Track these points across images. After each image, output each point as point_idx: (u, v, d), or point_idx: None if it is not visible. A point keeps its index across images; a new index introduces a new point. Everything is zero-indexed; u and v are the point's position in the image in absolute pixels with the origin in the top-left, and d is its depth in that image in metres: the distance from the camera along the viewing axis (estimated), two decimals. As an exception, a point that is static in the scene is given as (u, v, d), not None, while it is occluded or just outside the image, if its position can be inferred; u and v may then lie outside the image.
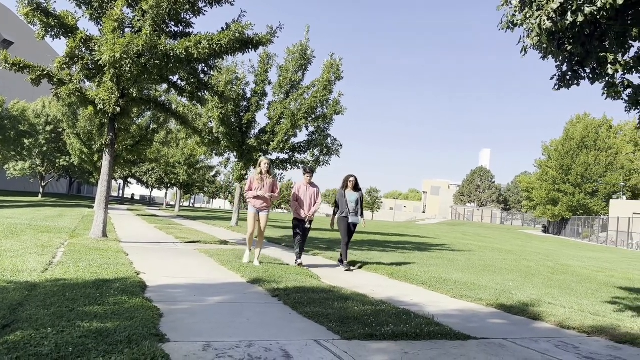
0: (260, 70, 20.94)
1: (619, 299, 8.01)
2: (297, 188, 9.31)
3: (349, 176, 9.69)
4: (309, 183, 9.38)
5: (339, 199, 9.58)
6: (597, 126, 57.04)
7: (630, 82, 5.27)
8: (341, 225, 9.51)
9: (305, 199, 9.25)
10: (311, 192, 9.35)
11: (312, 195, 9.33)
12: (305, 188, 9.34)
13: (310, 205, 9.27)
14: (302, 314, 5.14)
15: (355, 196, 9.57)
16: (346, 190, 9.61)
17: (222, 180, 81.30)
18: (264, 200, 8.73)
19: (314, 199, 9.33)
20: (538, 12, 4.39)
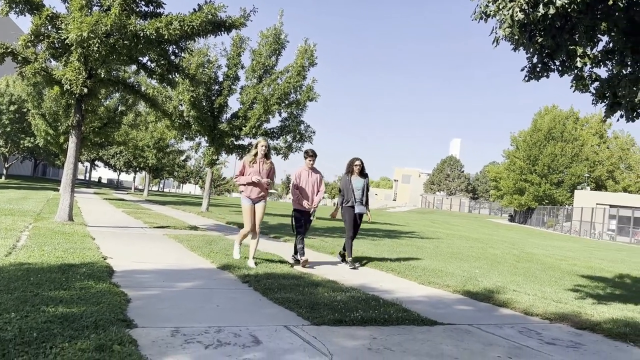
0: (232, 54, 20.65)
1: (581, 286, 8.27)
2: (297, 174, 8.22)
3: (354, 160, 8.58)
4: (311, 168, 8.26)
5: (344, 185, 8.51)
6: (564, 118, 58.37)
7: (598, 76, 5.40)
8: (346, 216, 8.41)
9: (308, 186, 8.16)
10: (314, 178, 8.25)
11: (315, 182, 8.25)
12: (307, 174, 8.22)
13: (313, 193, 8.19)
14: (272, 300, 5.14)
15: (361, 183, 8.48)
16: (352, 176, 8.50)
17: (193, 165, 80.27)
18: (260, 188, 7.40)
19: (317, 186, 8.28)
20: (511, 4, 4.44)
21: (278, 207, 42.13)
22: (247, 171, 7.38)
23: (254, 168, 7.33)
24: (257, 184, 7.32)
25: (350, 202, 8.38)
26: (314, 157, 8.31)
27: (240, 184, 7.41)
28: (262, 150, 7.44)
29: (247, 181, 7.31)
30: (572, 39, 4.84)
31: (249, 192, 7.37)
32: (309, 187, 8.19)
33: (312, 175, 8.26)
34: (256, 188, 7.36)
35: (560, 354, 4.17)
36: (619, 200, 44.45)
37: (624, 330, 4.91)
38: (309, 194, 8.16)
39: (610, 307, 6.31)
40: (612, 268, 12.32)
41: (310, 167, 8.26)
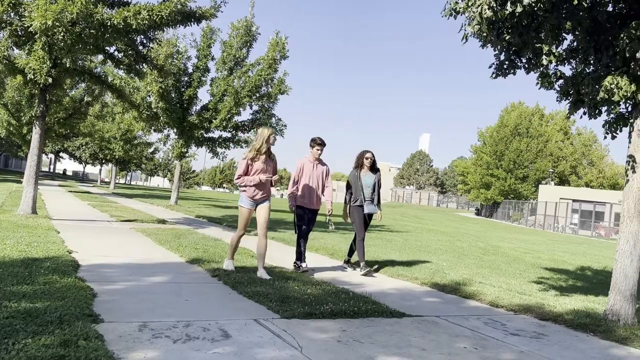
0: (202, 45, 20.37)
1: (544, 279, 8.50)
2: (300, 166, 7.14)
3: (364, 152, 7.57)
4: (317, 159, 7.16)
5: (352, 181, 7.55)
6: (530, 114, 59.69)
7: (563, 73, 5.54)
8: (355, 215, 7.46)
9: (312, 180, 7.07)
10: (319, 171, 7.16)
11: (321, 177, 7.16)
12: (312, 166, 7.12)
13: (318, 189, 7.11)
14: (242, 294, 5.13)
15: (372, 179, 7.50)
16: (361, 172, 7.55)
17: (161, 158, 79.16)
18: (265, 187, 6.35)
19: (323, 181, 7.20)
20: (479, 1, 4.51)
21: (248, 200, 41.84)
22: (251, 169, 6.23)
23: (257, 165, 6.23)
24: (264, 183, 6.27)
25: (359, 201, 7.44)
26: (323, 146, 7.15)
27: (246, 186, 6.23)
28: (273, 143, 6.34)
29: (255, 182, 6.17)
30: (538, 37, 4.95)
31: (252, 192, 6.24)
32: (313, 182, 7.08)
33: (317, 168, 7.16)
34: (259, 189, 6.29)
35: (524, 345, 4.29)
36: (582, 195, 45.81)
37: (584, 321, 5.08)
38: (314, 190, 7.07)
39: (572, 298, 6.51)
40: (574, 260, 12.70)
41: (317, 158, 7.17)
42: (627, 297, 5.05)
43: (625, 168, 5.18)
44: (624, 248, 5.12)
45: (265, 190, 6.37)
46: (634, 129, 5.12)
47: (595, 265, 11.77)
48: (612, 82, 4.81)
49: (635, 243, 5.09)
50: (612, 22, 5.13)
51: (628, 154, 5.16)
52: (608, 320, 5.09)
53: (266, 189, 6.38)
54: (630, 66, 4.99)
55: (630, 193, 5.14)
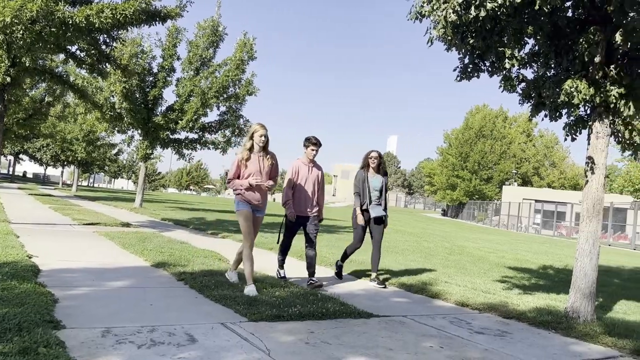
0: (168, 45, 20.06)
1: (508, 277, 8.69)
2: (294, 169, 6.48)
3: (370, 152, 7.03)
4: (311, 161, 6.56)
5: (358, 184, 6.93)
6: (494, 117, 61.05)
7: (525, 77, 5.68)
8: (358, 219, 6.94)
9: (308, 185, 6.45)
10: (315, 175, 6.53)
11: (316, 180, 6.54)
12: (307, 169, 6.49)
13: (315, 194, 6.51)
14: (209, 298, 5.06)
15: (379, 182, 6.94)
16: (368, 173, 6.96)
17: (125, 159, 77.54)
18: (261, 192, 5.65)
19: (319, 184, 6.60)
20: (444, 5, 4.58)
21: (216, 203, 41.52)
22: (248, 170, 5.56)
23: (250, 166, 5.55)
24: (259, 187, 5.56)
25: (364, 205, 6.85)
26: (318, 147, 6.52)
27: (236, 190, 5.61)
28: (259, 141, 5.59)
29: (245, 187, 5.54)
30: (501, 41, 5.06)
31: (248, 195, 5.57)
32: (310, 187, 6.47)
33: (312, 171, 6.53)
34: (256, 193, 5.59)
35: (489, 343, 4.37)
36: (544, 195, 47.08)
37: (546, 319, 5.21)
38: (310, 196, 6.46)
39: (535, 296, 6.67)
40: (537, 259, 13.03)
41: (312, 159, 6.56)
42: (587, 294, 5.20)
43: (585, 169, 5.34)
44: (584, 247, 5.28)
45: (262, 197, 5.64)
46: (592, 131, 5.28)
47: (557, 264, 12.10)
48: (571, 85, 4.95)
49: (594, 242, 5.25)
50: (572, 28, 5.28)
51: (587, 155, 5.32)
52: (569, 317, 5.23)
53: (263, 196, 5.64)
54: (589, 70, 5.15)
55: (590, 194, 5.30)
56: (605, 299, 6.96)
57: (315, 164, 6.61)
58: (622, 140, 5.53)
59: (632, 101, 4.96)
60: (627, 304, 6.79)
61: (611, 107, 5.06)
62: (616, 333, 4.78)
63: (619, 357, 4.27)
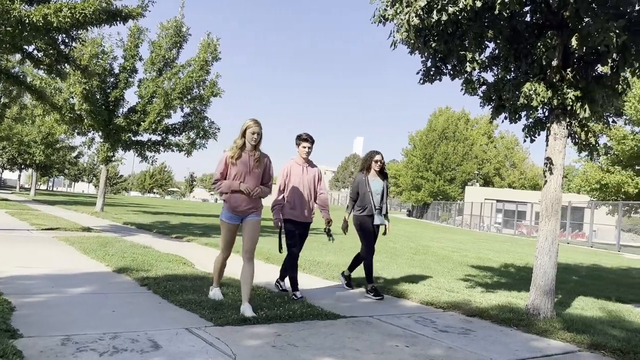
0: (130, 45, 19.68)
1: (471, 276, 8.86)
2: (286, 171, 5.89)
3: (373, 154, 6.49)
4: (306, 161, 5.96)
5: (359, 187, 6.43)
6: (456, 119, 62.18)
7: (485, 80, 5.81)
8: (364, 227, 6.40)
9: (302, 187, 5.84)
10: (310, 175, 5.93)
11: (313, 181, 5.95)
12: (301, 170, 5.89)
13: (311, 197, 5.94)
14: (173, 303, 4.97)
15: (381, 185, 6.45)
16: (369, 176, 6.45)
17: (86, 162, 75.61)
18: (245, 200, 4.90)
19: (316, 186, 6.01)
20: (407, 9, 4.64)
21: (181, 206, 40.93)
22: (234, 171, 4.91)
23: (239, 166, 4.90)
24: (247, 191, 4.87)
25: (367, 210, 6.35)
26: (311, 143, 5.91)
27: (222, 193, 4.96)
28: (252, 139, 4.91)
29: (234, 188, 4.85)
30: (462, 45, 5.17)
31: (233, 202, 4.90)
32: (305, 189, 5.85)
33: (307, 172, 5.91)
34: (242, 198, 4.91)
35: (453, 341, 4.44)
36: (505, 195, 48.26)
37: (508, 316, 5.33)
38: (306, 199, 5.86)
39: (497, 294, 6.82)
40: (499, 258, 13.33)
41: (306, 158, 5.95)
42: (547, 291, 5.35)
43: (543, 170, 5.49)
44: (543, 245, 5.43)
45: (253, 200, 4.96)
46: (550, 133, 5.44)
47: (518, 262, 12.41)
48: (530, 88, 5.10)
49: (553, 240, 5.41)
50: (530, 32, 5.44)
51: (545, 156, 5.48)
52: (530, 314, 5.37)
53: (250, 201, 4.95)
54: (547, 73, 5.31)
55: (548, 193, 5.46)
56: (564, 295, 7.18)
57: (310, 163, 6.00)
58: (579, 141, 5.72)
59: (587, 103, 5.13)
60: (584, 300, 7.01)
61: (568, 109, 5.23)
62: (574, 329, 4.93)
63: (577, 352, 4.41)
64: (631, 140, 31.25)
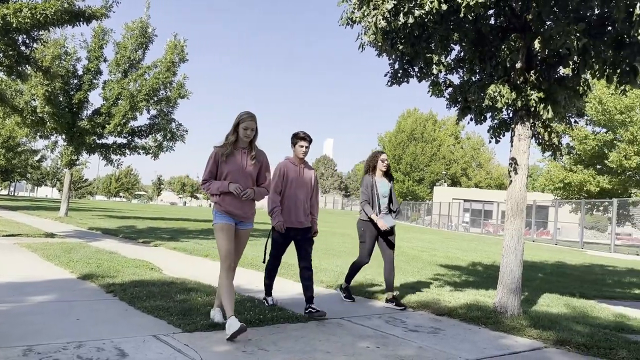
0: (94, 46, 19.25)
1: (440, 275, 8.97)
2: (281, 171, 5.35)
3: (378, 154, 6.18)
4: (302, 161, 5.45)
5: (365, 190, 6.06)
6: (424, 120, 63.12)
7: (451, 82, 5.90)
8: (367, 232, 6.09)
9: (299, 189, 5.34)
10: (307, 177, 5.44)
11: (309, 185, 5.46)
12: (298, 171, 5.39)
13: (307, 201, 5.41)
14: (140, 309, 4.87)
15: (386, 187, 6.13)
16: (374, 177, 6.11)
17: (49, 166, 73.63)
18: (241, 202, 4.42)
19: (312, 189, 5.51)
20: (374, 11, 4.67)
21: (148, 210, 40.25)
22: (226, 169, 4.39)
23: (230, 164, 4.38)
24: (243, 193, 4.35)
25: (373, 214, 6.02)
26: (309, 143, 5.40)
27: (214, 196, 4.44)
28: (245, 135, 4.38)
29: (223, 190, 4.34)
30: (428, 48, 5.23)
31: (227, 205, 4.38)
32: (301, 193, 5.34)
33: (304, 173, 5.42)
34: (236, 201, 4.38)
35: (422, 340, 4.48)
36: (472, 195, 49.14)
37: (476, 314, 5.42)
38: (302, 203, 5.34)
39: (465, 293, 6.92)
40: (466, 257, 13.55)
41: (301, 159, 5.43)
42: (513, 289, 5.45)
43: (508, 170, 5.60)
44: (509, 244, 5.54)
45: (248, 206, 4.46)
46: (515, 134, 5.56)
47: (485, 261, 12.63)
48: (495, 90, 5.19)
49: (519, 239, 5.52)
50: (495, 35, 5.54)
51: (510, 156, 5.59)
52: (497, 312, 5.47)
53: (246, 204, 4.44)
54: (511, 75, 5.42)
55: (513, 193, 5.57)
56: (530, 293, 7.34)
57: (307, 165, 5.50)
58: (543, 141, 5.85)
59: (550, 105, 5.26)
60: (550, 297, 7.18)
61: (532, 110, 5.35)
62: (540, 325, 5.04)
63: (543, 348, 4.51)
64: (592, 140, 32.27)
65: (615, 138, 31.68)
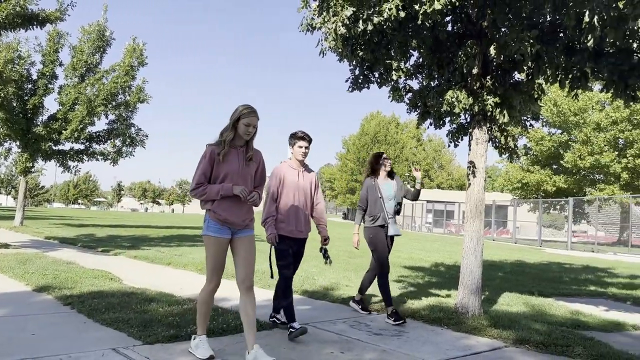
0: (49, 50, 18.66)
1: (404, 277, 9.07)
2: (279, 175, 4.87)
3: (380, 155, 5.84)
4: (301, 164, 4.96)
5: (369, 194, 5.69)
6: (387, 123, 63.85)
7: (411, 87, 5.99)
8: (377, 240, 5.65)
9: (298, 195, 4.88)
10: (307, 182, 4.95)
11: (309, 189, 4.98)
12: (296, 175, 4.90)
13: (306, 206, 4.96)
14: (99, 322, 4.73)
15: (392, 188, 5.76)
16: (377, 180, 5.75)
17: (3, 173, 70.96)
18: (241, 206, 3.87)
19: (312, 194, 5.02)
20: (334, 18, 4.70)
21: (107, 217, 39.32)
22: (218, 171, 3.83)
23: (229, 164, 3.83)
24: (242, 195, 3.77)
25: (380, 220, 5.62)
26: (309, 143, 4.91)
27: (207, 199, 3.83)
28: (246, 132, 3.83)
29: (225, 194, 3.77)
30: (388, 54, 5.30)
31: (222, 212, 3.80)
32: (300, 198, 4.88)
33: (303, 177, 4.93)
34: (235, 206, 3.83)
35: (386, 343, 4.52)
36: (434, 196, 49.92)
37: (438, 315, 5.50)
38: (301, 210, 4.89)
39: (428, 294, 7.03)
40: (429, 257, 13.75)
41: (301, 161, 4.95)
42: (474, 290, 5.56)
43: (467, 173, 5.73)
44: (469, 245, 5.65)
45: (245, 210, 3.92)
46: (472, 138, 5.68)
47: (447, 261, 12.86)
48: (452, 95, 5.30)
49: (478, 240, 5.64)
50: (452, 41, 5.66)
51: (469, 160, 5.71)
52: (459, 313, 5.57)
53: (244, 210, 3.90)
54: (468, 81, 5.54)
55: (472, 195, 5.69)
56: (491, 292, 7.51)
57: (307, 168, 5.01)
58: (499, 145, 6.01)
59: (506, 109, 5.40)
60: (509, 296, 7.36)
61: (488, 115, 5.48)
62: (501, 325, 5.16)
63: (503, 348, 4.62)
64: (548, 141, 33.35)
65: (570, 139, 32.86)
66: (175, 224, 29.03)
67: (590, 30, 4.42)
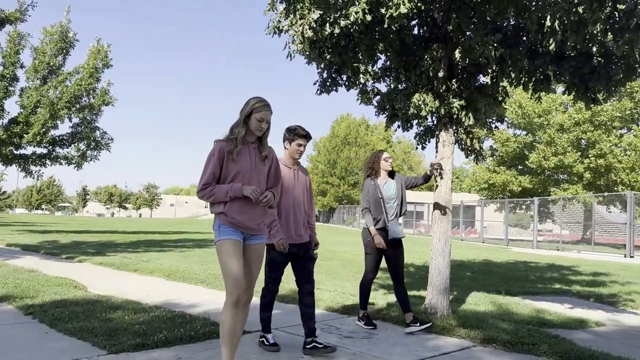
0: (9, 51, 18.08)
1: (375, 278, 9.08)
2: None
3: (379, 152, 5.54)
4: (296, 163, 4.58)
5: (370, 195, 5.39)
6: (357, 125, 64.26)
7: (379, 90, 6.02)
8: (373, 245, 5.42)
9: (295, 196, 4.50)
10: (302, 183, 4.57)
11: (305, 190, 4.60)
12: (292, 175, 4.51)
13: (304, 208, 4.58)
14: (62, 332, 4.59)
15: (393, 188, 5.47)
16: (378, 180, 5.47)
17: (-38, 179, 68.42)
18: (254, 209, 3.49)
19: (308, 195, 4.64)
20: (301, 21, 4.69)
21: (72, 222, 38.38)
22: (228, 170, 3.45)
23: (240, 162, 3.46)
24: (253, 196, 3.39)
25: (379, 223, 5.37)
26: (307, 139, 4.53)
27: (215, 201, 3.45)
28: (258, 127, 3.49)
29: (235, 195, 3.39)
30: (355, 57, 5.32)
31: (236, 212, 3.44)
32: (297, 201, 4.51)
33: (298, 177, 4.55)
34: (246, 208, 3.44)
35: (357, 346, 4.52)
36: (404, 197, 50.42)
37: (408, 317, 5.52)
38: (300, 212, 4.52)
39: (398, 295, 7.06)
40: (399, 259, 13.84)
41: (295, 160, 4.57)
42: (442, 290, 5.62)
43: (434, 175, 5.78)
44: (437, 246, 5.71)
45: (258, 213, 3.53)
46: (439, 140, 5.75)
47: (417, 262, 12.97)
48: (419, 98, 5.35)
49: (446, 241, 5.71)
50: (418, 45, 5.72)
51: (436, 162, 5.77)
52: (428, 313, 5.61)
53: (259, 212, 3.53)
54: (434, 84, 5.61)
55: (440, 196, 5.76)
56: (459, 292, 7.61)
57: (301, 167, 4.64)
58: (465, 147, 6.10)
59: (471, 112, 5.49)
60: (477, 295, 7.47)
61: (454, 117, 5.56)
62: (469, 325, 5.22)
63: (471, 347, 4.67)
64: (513, 143, 34.08)
65: (534, 140, 33.65)
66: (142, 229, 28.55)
67: (551, 34, 4.52)
